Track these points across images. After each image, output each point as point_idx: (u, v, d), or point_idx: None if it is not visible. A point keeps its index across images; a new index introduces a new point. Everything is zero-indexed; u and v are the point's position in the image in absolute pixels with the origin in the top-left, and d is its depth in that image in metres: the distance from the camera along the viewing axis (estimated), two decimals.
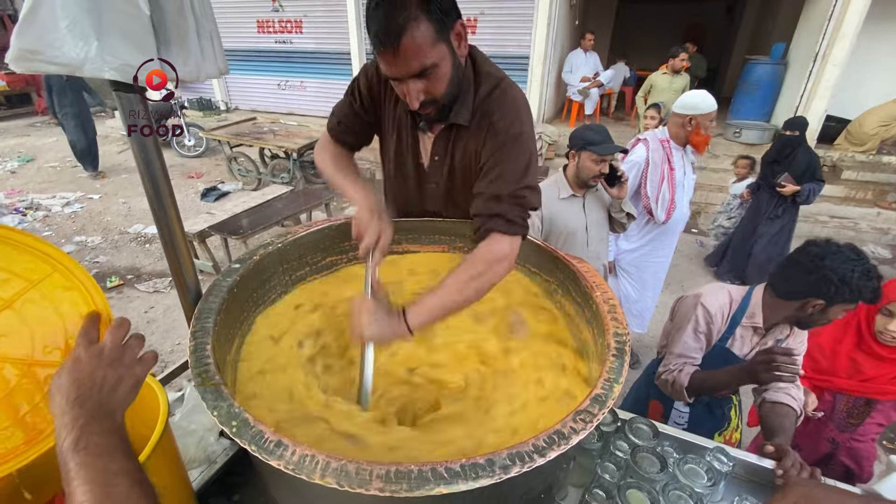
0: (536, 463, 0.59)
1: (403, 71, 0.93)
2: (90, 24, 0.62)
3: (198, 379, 0.68)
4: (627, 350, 0.80)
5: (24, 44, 0.59)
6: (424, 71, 0.93)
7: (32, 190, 6.19)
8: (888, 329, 1.54)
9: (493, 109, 1.08)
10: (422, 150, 1.22)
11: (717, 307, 1.52)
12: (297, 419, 0.83)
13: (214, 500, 1.02)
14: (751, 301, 1.51)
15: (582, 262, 1.09)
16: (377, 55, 0.94)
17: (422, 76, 0.94)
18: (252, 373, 0.92)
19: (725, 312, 1.53)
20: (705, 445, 1.18)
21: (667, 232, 2.72)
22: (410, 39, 0.88)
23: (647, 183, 2.55)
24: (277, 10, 8.07)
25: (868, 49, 5.69)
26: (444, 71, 0.97)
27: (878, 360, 1.60)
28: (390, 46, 0.88)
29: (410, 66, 0.92)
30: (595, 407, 0.68)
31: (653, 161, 2.57)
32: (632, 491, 1.00)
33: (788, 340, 1.52)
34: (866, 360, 1.62)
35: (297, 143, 5.75)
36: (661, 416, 1.74)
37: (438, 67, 0.95)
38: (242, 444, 0.60)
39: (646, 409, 1.80)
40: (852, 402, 1.67)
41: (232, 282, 0.92)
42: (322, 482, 0.55)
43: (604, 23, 9.81)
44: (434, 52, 0.92)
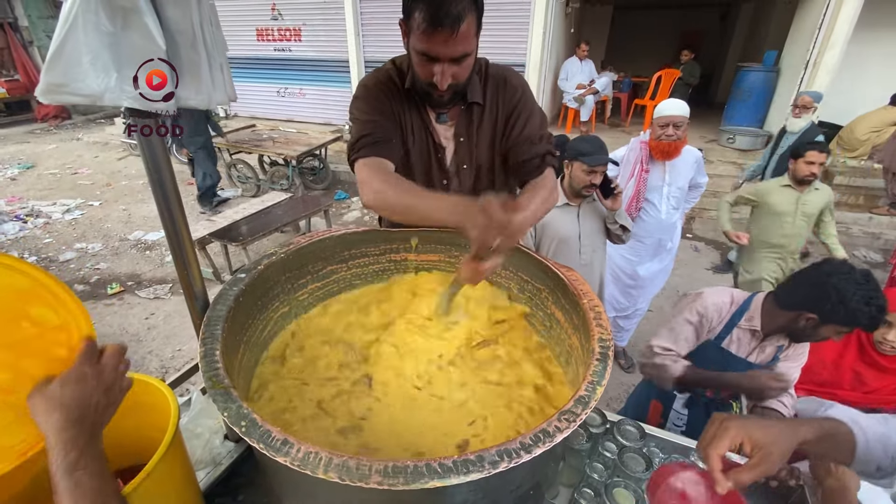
0: (523, 459, 0.64)
1: (450, 52, 1.05)
2: (110, 58, 0.67)
3: (209, 382, 0.73)
4: (610, 354, 0.85)
5: (52, 78, 0.64)
6: (463, 57, 1.08)
7: (33, 197, 6.24)
8: (887, 339, 1.56)
9: (500, 75, 1.29)
10: (441, 139, 1.31)
11: (712, 304, 1.55)
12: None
13: (220, 500, 1.07)
14: (751, 305, 1.54)
15: (570, 270, 1.14)
16: (425, 33, 1.03)
17: (458, 61, 1.08)
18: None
19: (723, 312, 1.55)
20: (690, 446, 1.23)
21: (645, 237, 2.77)
22: (466, 26, 1.02)
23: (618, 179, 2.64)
24: (276, 19, 8.17)
25: (859, 56, 5.80)
26: (471, 61, 1.13)
27: (880, 371, 1.62)
28: (448, 28, 1.00)
29: (457, 49, 1.05)
30: (578, 407, 0.73)
31: (626, 159, 2.69)
32: (618, 489, 1.05)
33: (789, 351, 1.53)
34: (868, 371, 1.64)
35: (296, 150, 5.81)
36: (661, 415, 1.77)
37: (470, 57, 1.11)
38: (251, 442, 0.64)
39: (647, 408, 1.83)
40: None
41: (238, 290, 0.97)
42: (325, 477, 0.60)
43: (599, 31, 9.95)
44: (473, 42, 1.08)
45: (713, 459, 0.74)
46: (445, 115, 1.30)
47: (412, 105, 1.27)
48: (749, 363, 1.53)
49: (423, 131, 1.30)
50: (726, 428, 0.76)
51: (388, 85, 1.26)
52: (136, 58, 0.68)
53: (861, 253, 4.83)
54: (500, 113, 1.30)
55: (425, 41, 1.04)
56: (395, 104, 1.26)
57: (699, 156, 2.71)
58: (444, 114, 1.30)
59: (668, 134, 2.48)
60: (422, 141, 1.31)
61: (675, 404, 1.70)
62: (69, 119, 10.92)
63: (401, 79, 1.25)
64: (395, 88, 1.26)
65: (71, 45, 0.63)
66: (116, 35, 0.64)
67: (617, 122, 8.37)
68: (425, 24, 1.01)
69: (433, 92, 1.16)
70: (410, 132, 1.29)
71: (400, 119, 1.27)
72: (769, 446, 0.73)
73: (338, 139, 7.04)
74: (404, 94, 1.26)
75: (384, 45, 7.58)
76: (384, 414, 1.03)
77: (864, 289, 1.29)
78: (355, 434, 0.97)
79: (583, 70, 6.99)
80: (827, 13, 5.38)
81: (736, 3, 9.81)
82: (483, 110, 1.29)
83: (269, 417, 0.92)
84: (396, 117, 1.27)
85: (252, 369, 1.08)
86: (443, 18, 0.99)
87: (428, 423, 1.01)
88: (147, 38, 0.66)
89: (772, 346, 1.52)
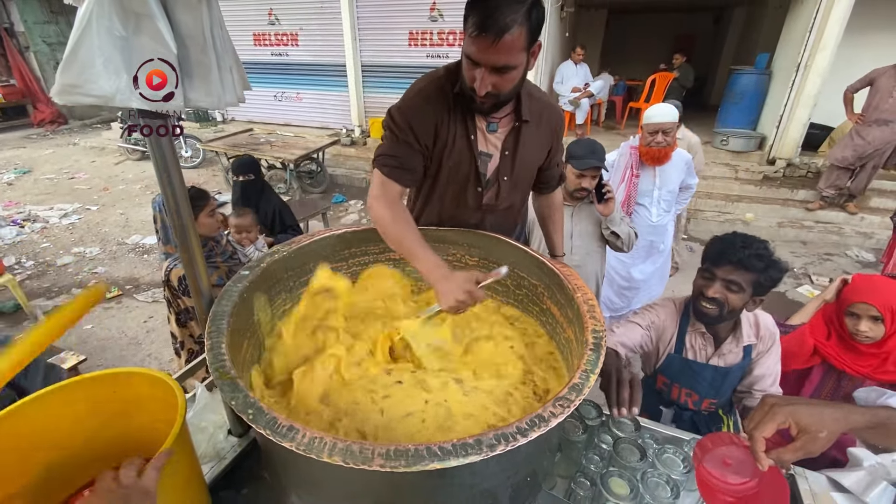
0: (519, 442, 0.67)
1: (491, 59, 1.08)
2: (122, 60, 0.70)
3: (216, 374, 0.76)
4: (603, 345, 0.88)
5: (67, 79, 0.67)
6: (504, 68, 1.10)
7: (30, 202, 6.24)
8: (860, 330, 1.60)
9: (545, 100, 1.39)
10: (486, 147, 1.35)
11: (665, 314, 1.58)
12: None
13: (224, 493, 1.09)
14: (689, 306, 1.56)
15: (565, 266, 1.18)
16: (472, 38, 1.07)
17: (499, 71, 1.10)
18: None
19: (671, 321, 1.58)
20: (683, 437, 1.26)
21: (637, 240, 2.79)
22: (510, 37, 1.03)
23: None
24: (274, 24, 8.21)
25: (849, 58, 5.87)
26: (516, 75, 1.14)
27: (857, 354, 1.66)
28: (491, 36, 1.03)
29: (499, 58, 1.07)
30: (573, 394, 0.76)
31: (617, 164, 2.73)
32: (613, 479, 1.08)
33: (759, 346, 1.52)
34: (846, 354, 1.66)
35: (294, 154, 5.84)
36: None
37: (514, 70, 1.12)
38: (258, 429, 0.67)
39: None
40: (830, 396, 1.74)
41: (242, 287, 1.00)
42: (330, 460, 0.63)
43: (594, 34, 10.02)
44: (518, 57, 1.09)
45: (758, 442, 0.77)
46: (496, 125, 1.32)
47: (458, 111, 1.28)
48: (715, 367, 1.53)
49: (465, 139, 1.31)
50: (774, 413, 0.78)
51: (435, 92, 1.27)
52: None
53: (853, 252, 4.88)
54: (544, 137, 1.40)
55: (470, 45, 1.09)
56: (439, 110, 1.27)
57: (689, 158, 2.75)
58: (494, 122, 1.32)
59: (657, 141, 2.53)
60: (462, 147, 1.31)
61: (663, 419, 1.70)
62: (66, 124, 10.91)
63: (451, 83, 1.26)
64: (442, 94, 1.27)
65: (85, 48, 0.66)
66: (128, 39, 0.67)
67: (612, 124, 8.44)
68: (472, 28, 1.05)
69: (475, 97, 1.18)
70: (452, 139, 1.30)
71: (440, 129, 1.28)
72: (816, 431, 0.75)
73: (335, 143, 7.08)
74: (452, 99, 1.27)
75: (381, 50, 7.62)
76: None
77: (726, 236, 1.41)
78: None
79: (578, 73, 7.05)
80: (817, 16, 5.45)
81: (729, 7, 9.91)
82: (531, 129, 1.34)
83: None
84: (435, 128, 1.28)
85: (256, 363, 1.10)
86: (489, 26, 1.02)
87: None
88: (159, 41, 0.69)
89: (734, 351, 1.52)
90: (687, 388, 1.61)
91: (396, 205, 1.24)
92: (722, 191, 5.91)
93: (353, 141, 7.81)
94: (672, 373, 1.62)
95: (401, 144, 1.27)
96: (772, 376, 1.56)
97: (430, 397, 1.02)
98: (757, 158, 6.30)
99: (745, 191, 5.87)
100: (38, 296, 4.15)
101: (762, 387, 1.55)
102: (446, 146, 1.30)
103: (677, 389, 1.63)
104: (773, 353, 1.57)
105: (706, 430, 1.64)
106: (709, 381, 1.55)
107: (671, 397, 1.66)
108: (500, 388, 1.06)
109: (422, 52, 7.21)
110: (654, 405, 1.73)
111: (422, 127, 1.26)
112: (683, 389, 1.61)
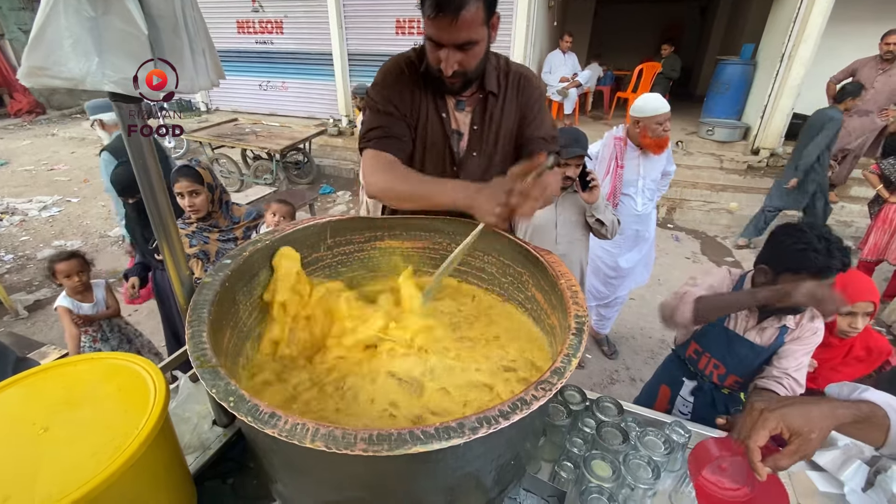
0: (501, 425, 0.67)
1: (452, 38, 1.10)
2: (91, 42, 0.68)
3: (196, 362, 0.75)
4: (586, 329, 0.89)
5: (33, 61, 0.65)
6: (467, 44, 1.12)
7: (7, 194, 6.08)
8: (857, 326, 1.65)
9: (521, 72, 1.36)
10: (457, 126, 1.34)
11: (717, 281, 1.61)
12: None
13: (210, 483, 1.09)
14: (744, 282, 1.58)
15: (550, 253, 1.18)
16: (430, 20, 1.07)
17: (462, 48, 1.12)
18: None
19: (723, 289, 1.60)
20: (665, 420, 1.28)
21: (623, 229, 2.78)
22: (467, 13, 1.05)
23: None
24: (257, 11, 8.04)
25: (832, 48, 5.95)
26: (479, 50, 1.16)
27: (826, 347, 1.69)
28: (450, 14, 1.04)
29: (459, 36, 1.09)
30: (554, 378, 0.77)
31: (601, 156, 2.74)
32: (596, 461, 1.10)
33: (795, 332, 1.51)
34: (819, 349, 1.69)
35: (280, 144, 5.77)
36: (668, 401, 1.80)
37: (477, 45, 1.14)
38: (240, 416, 0.66)
39: (656, 395, 1.87)
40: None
41: (224, 276, 0.99)
42: (312, 446, 0.63)
43: (582, 23, 10.00)
44: (479, 31, 1.11)
45: (753, 452, 0.76)
46: (464, 103, 1.34)
47: (428, 90, 1.31)
48: (751, 343, 1.54)
49: (437, 117, 1.33)
50: (765, 420, 0.77)
51: (407, 70, 1.30)
52: (118, 42, 0.69)
53: None
54: (516, 107, 1.36)
55: (430, 26, 1.10)
56: (412, 89, 1.29)
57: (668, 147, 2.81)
58: (462, 101, 1.33)
59: (665, 129, 2.59)
60: (435, 126, 1.34)
61: (682, 391, 1.73)
62: (44, 114, 10.60)
63: (420, 63, 1.29)
64: (414, 73, 1.29)
65: (52, 29, 0.64)
66: (97, 19, 0.65)
67: (599, 114, 8.46)
68: (430, 9, 1.06)
69: (443, 78, 1.19)
70: (425, 117, 1.32)
71: (414, 104, 1.31)
72: (808, 433, 0.75)
73: (322, 133, 6.99)
74: (421, 79, 1.29)
75: (368, 38, 7.52)
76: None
77: (805, 236, 1.35)
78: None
79: (566, 63, 7.05)
80: (801, 7, 5.50)
81: None
82: (499, 102, 1.34)
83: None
84: (411, 103, 1.30)
85: (238, 353, 1.09)
86: (445, 5, 1.03)
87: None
88: (129, 22, 0.66)
89: (772, 328, 1.52)
90: (717, 359, 1.62)
91: (394, 166, 1.23)
92: (707, 180, 5.98)
93: (341, 131, 7.73)
94: (707, 341, 1.63)
95: (382, 115, 1.28)
96: (797, 361, 1.49)
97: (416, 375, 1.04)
98: (741, 148, 6.38)
99: (730, 180, 5.94)
100: (18, 290, 4.06)
101: (785, 366, 1.49)
102: (419, 123, 1.32)
103: (707, 359, 1.64)
104: (807, 343, 1.51)
105: (723, 409, 1.67)
106: (741, 356, 1.56)
107: (698, 367, 1.68)
108: (483, 373, 1.07)
109: (409, 40, 7.12)
110: (676, 375, 1.76)
111: (399, 96, 1.28)
112: (713, 360, 1.63)
